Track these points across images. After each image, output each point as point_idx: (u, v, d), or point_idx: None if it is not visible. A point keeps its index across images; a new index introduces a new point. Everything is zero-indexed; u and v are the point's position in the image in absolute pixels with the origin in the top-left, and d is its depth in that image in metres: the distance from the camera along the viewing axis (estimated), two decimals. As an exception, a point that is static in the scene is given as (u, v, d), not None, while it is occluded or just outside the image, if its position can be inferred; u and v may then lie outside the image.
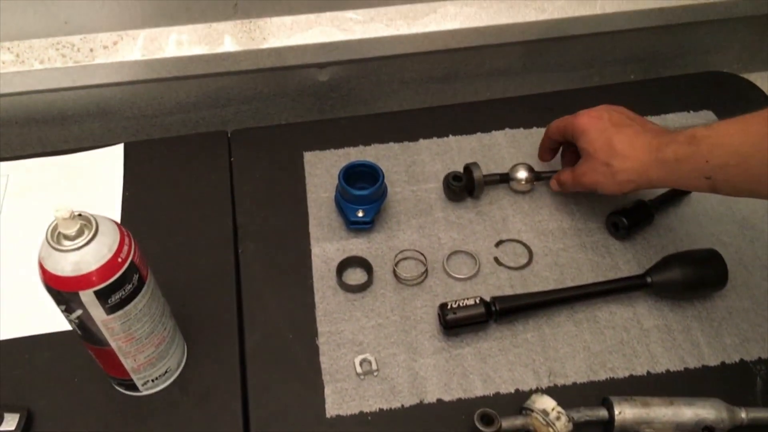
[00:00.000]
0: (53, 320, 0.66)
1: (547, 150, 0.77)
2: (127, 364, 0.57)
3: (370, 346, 0.65)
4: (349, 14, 0.83)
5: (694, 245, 0.71)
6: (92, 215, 0.50)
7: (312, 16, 0.83)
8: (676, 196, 0.77)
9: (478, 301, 0.65)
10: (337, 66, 0.89)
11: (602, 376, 0.64)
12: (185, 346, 0.64)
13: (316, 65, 0.87)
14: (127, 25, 0.79)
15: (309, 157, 0.82)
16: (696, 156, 0.58)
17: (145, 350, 0.57)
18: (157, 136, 0.92)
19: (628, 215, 0.73)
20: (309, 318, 0.67)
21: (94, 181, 0.80)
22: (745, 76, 0.94)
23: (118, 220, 0.76)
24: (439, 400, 0.62)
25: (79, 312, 0.51)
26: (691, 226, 0.76)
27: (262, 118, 0.94)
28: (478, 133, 0.85)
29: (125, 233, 0.52)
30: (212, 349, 0.65)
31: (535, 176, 0.78)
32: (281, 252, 0.73)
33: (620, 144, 0.64)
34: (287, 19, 0.82)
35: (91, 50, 0.79)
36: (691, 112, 0.88)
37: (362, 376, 0.63)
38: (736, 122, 0.56)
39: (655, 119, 0.86)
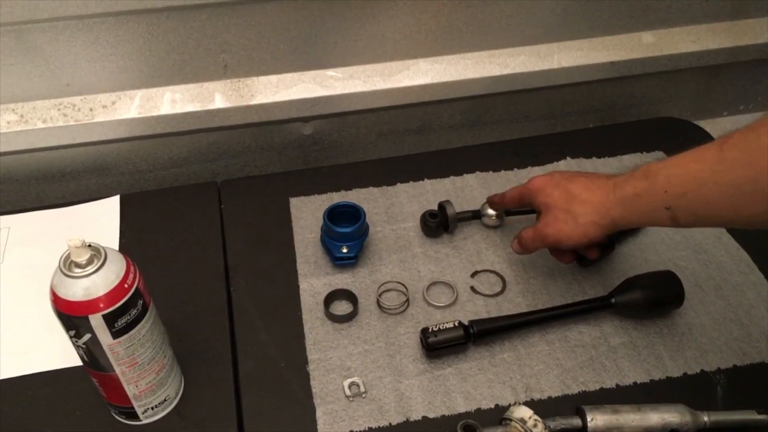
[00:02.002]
0: (53, 359, 0.70)
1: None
2: (130, 390, 0.61)
3: (357, 371, 0.69)
4: (330, 72, 0.91)
5: (653, 270, 0.77)
6: (101, 246, 0.55)
7: (296, 75, 0.90)
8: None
9: (457, 324, 0.70)
10: (320, 120, 0.96)
11: (575, 389, 0.68)
12: (182, 377, 0.68)
13: (300, 119, 0.94)
14: (125, 85, 0.86)
15: (295, 202, 0.88)
16: (654, 188, 0.59)
17: (147, 376, 0.61)
18: (150, 190, 0.97)
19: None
20: (299, 347, 0.72)
21: (91, 231, 0.84)
22: (695, 122, 1.03)
23: (116, 264, 0.80)
24: (425, 418, 0.66)
25: (87, 336, 0.55)
26: (649, 253, 0.82)
27: (251, 170, 1.00)
28: (451, 177, 0.92)
29: (130, 262, 0.56)
30: (208, 378, 0.69)
31: (504, 212, 0.84)
32: (271, 288, 0.78)
33: (577, 189, 0.65)
34: (273, 78, 0.90)
35: (91, 109, 0.86)
36: (645, 153, 0.96)
37: (351, 398, 0.67)
38: (689, 153, 0.58)
39: (612, 160, 0.95)
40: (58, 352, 0.70)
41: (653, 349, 0.72)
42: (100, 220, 0.86)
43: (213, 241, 0.83)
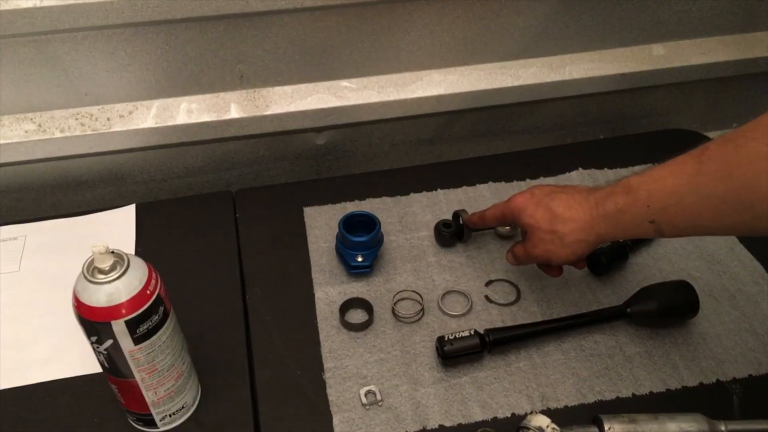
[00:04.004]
0: (72, 366, 0.70)
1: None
2: (149, 397, 0.61)
3: (373, 379, 0.69)
4: (344, 83, 0.92)
5: (667, 279, 0.77)
6: (124, 252, 0.55)
7: (310, 85, 0.91)
8: (647, 236, 0.84)
9: (472, 333, 0.70)
10: (333, 130, 0.97)
11: (591, 398, 0.68)
12: (199, 385, 0.68)
13: (314, 129, 0.95)
14: (142, 96, 0.87)
15: (309, 211, 0.88)
16: (636, 203, 0.59)
17: (166, 383, 0.61)
18: (165, 199, 0.97)
19: (606, 254, 0.79)
20: (315, 355, 0.72)
21: (107, 239, 0.83)
22: (705, 134, 1.04)
23: (133, 272, 0.80)
24: (441, 426, 0.66)
25: (109, 342, 0.55)
26: (662, 263, 0.82)
27: (264, 180, 1.01)
28: (464, 187, 0.92)
29: (152, 269, 0.57)
30: (225, 386, 0.69)
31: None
32: (286, 296, 0.78)
33: (559, 209, 0.65)
34: (288, 88, 0.90)
35: (108, 119, 0.86)
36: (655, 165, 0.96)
37: (368, 407, 0.67)
38: (667, 165, 0.57)
39: (624, 171, 0.95)
40: (77, 360, 0.70)
41: (669, 359, 0.71)
42: (116, 228, 0.86)
43: (228, 249, 0.83)
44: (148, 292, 0.55)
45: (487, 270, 0.81)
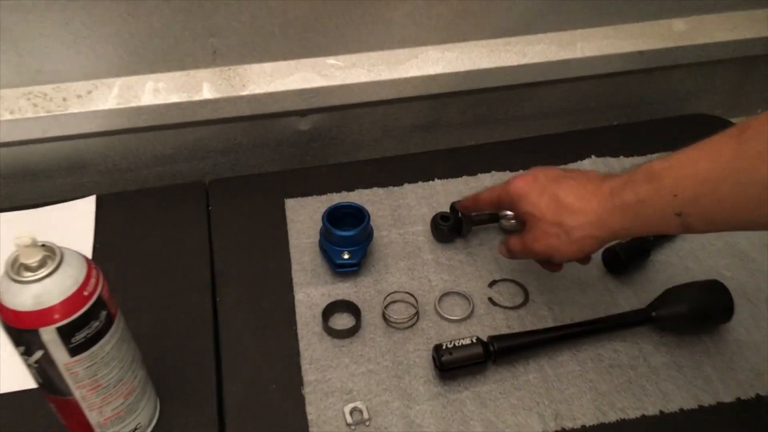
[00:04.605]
0: (13, 380, 0.61)
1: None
2: (93, 417, 0.52)
3: (360, 394, 0.61)
4: (330, 60, 0.84)
5: (694, 279, 0.69)
6: (57, 245, 0.47)
7: (292, 63, 0.83)
8: (671, 230, 0.76)
9: (474, 341, 0.62)
10: (319, 114, 0.89)
11: (612, 417, 0.60)
12: (158, 402, 0.59)
13: (297, 112, 0.86)
14: (102, 73, 0.78)
15: (291, 203, 0.80)
16: (661, 192, 0.51)
17: (113, 401, 0.52)
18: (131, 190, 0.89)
19: (625, 250, 0.71)
20: (293, 367, 0.63)
21: (63, 233, 0.76)
22: (729, 119, 0.95)
23: (88, 271, 0.72)
24: (438, 450, 0.57)
25: (39, 354, 0.47)
26: (689, 261, 0.74)
27: (242, 170, 0.93)
28: (464, 177, 0.84)
29: (93, 266, 0.48)
30: (188, 403, 0.61)
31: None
32: (262, 298, 0.69)
33: (568, 198, 0.57)
34: (267, 66, 0.82)
35: (64, 99, 0.78)
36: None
37: (353, 427, 0.58)
38: (698, 148, 0.50)
39: (641, 160, 0.87)
40: (18, 371, 0.61)
41: (700, 370, 0.63)
42: (73, 222, 0.78)
43: (199, 246, 0.75)
44: (86, 293, 0.46)
45: (491, 268, 0.73)
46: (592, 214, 0.55)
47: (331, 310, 0.68)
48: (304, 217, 0.79)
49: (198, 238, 0.76)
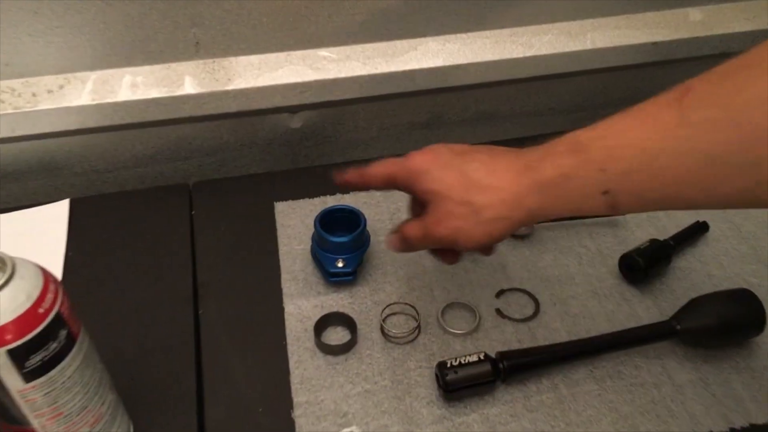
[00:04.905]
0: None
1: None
2: (55, 448, 0.47)
3: (356, 417, 0.56)
4: (323, 52, 0.78)
5: (720, 288, 0.64)
6: (8, 255, 0.41)
7: (282, 55, 0.77)
8: (694, 232, 0.71)
9: (482, 357, 0.57)
10: (310, 110, 0.83)
11: (636, 442, 0.55)
12: (131, 427, 0.54)
13: (287, 109, 0.81)
14: (76, 66, 0.73)
15: (281, 207, 0.75)
16: (586, 167, 0.44)
17: (79, 430, 0.47)
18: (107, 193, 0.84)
19: (644, 256, 0.66)
20: (282, 387, 0.58)
21: (33, 241, 0.71)
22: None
23: (58, 282, 0.67)
24: (443, 481, 0.52)
25: (-11, 380, 0.41)
26: (711, 267, 0.69)
27: (229, 171, 0.87)
28: (468, 177, 0.79)
29: (50, 279, 0.43)
30: (166, 429, 0.55)
31: None
32: (249, 311, 0.64)
33: (477, 172, 0.49)
34: (254, 58, 0.77)
35: (34, 95, 0.73)
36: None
37: (348, 455, 0.53)
38: (632, 114, 0.44)
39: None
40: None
41: (730, 388, 0.58)
42: (45, 228, 0.73)
43: (180, 254, 0.70)
44: (41, 310, 0.41)
45: (498, 277, 0.68)
46: (506, 192, 0.48)
47: (324, 323, 0.62)
48: (295, 222, 0.74)
49: (179, 246, 0.71)
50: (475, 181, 0.49)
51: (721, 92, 0.40)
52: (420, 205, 0.53)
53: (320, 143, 0.88)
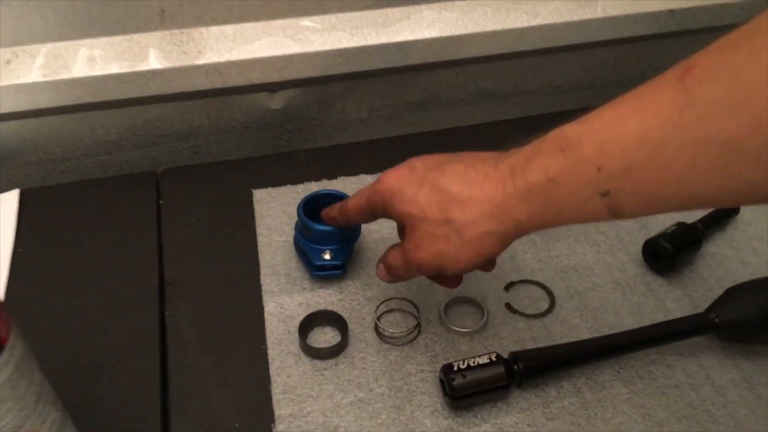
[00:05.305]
0: None
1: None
2: (-15, 477, 0.39)
3: (349, 431, 0.49)
4: (305, 22, 0.72)
5: (756, 275, 0.57)
6: None
7: (259, 25, 0.70)
8: (723, 216, 0.65)
9: (494, 359, 0.50)
10: (293, 89, 0.76)
11: (674, 453, 0.48)
12: (83, 448, 0.47)
13: (266, 86, 0.74)
14: (24, 38, 0.66)
15: (259, 195, 0.68)
16: (579, 166, 0.39)
17: (13, 454, 0.39)
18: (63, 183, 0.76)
19: (672, 241, 0.60)
20: (262, 398, 0.51)
21: (-23, 237, 0.64)
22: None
23: (4, 282, 0.59)
24: (452, 504, 0.45)
25: None
26: (745, 253, 0.63)
27: (203, 158, 0.80)
28: (469, 159, 0.72)
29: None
30: (124, 450, 0.48)
31: None
32: (223, 312, 0.57)
33: (454, 185, 0.44)
34: (228, 29, 0.70)
35: (-23, 72, 0.65)
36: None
37: (340, 476, 0.46)
38: (626, 102, 0.39)
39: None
40: None
41: (778, 389, 0.52)
42: (-8, 222, 0.65)
43: (145, 249, 0.63)
44: (-43, 309, 0.34)
45: (506, 269, 0.61)
46: (488, 203, 0.43)
47: (310, 323, 0.55)
48: (275, 211, 0.67)
49: (144, 240, 0.64)
50: (453, 195, 0.44)
51: (727, 66, 0.34)
52: (400, 228, 0.48)
53: (304, 127, 0.81)
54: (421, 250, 0.45)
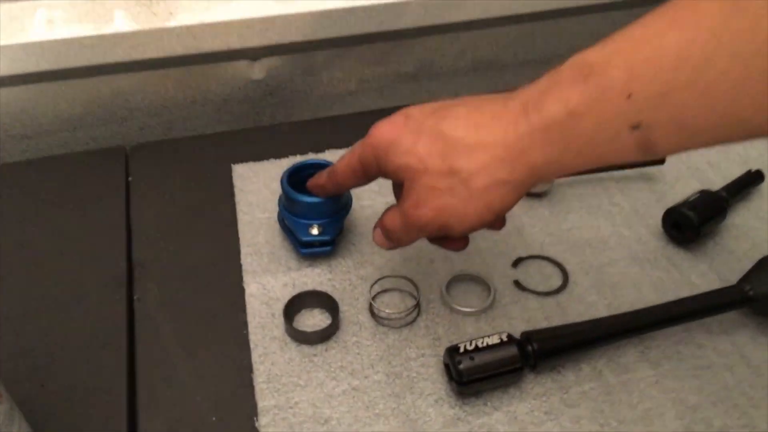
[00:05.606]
0: None
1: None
2: None
3: (342, 423, 0.44)
4: (287, -19, 0.66)
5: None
6: None
7: (236, -17, 0.65)
8: (747, 183, 0.60)
9: (505, 339, 0.45)
10: (275, 57, 0.71)
11: (712, 440, 0.43)
12: (37, 449, 0.41)
13: (245, 53, 0.69)
14: (-26, -3, 0.60)
15: (240, 170, 0.63)
16: (607, 94, 0.34)
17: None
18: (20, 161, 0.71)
19: (696, 210, 0.55)
20: (243, 388, 0.46)
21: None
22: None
23: (-49, 266, 0.54)
24: (462, 504, 0.40)
25: None
26: (774, 222, 0.58)
27: (177, 136, 0.75)
28: (468, 130, 0.67)
29: None
30: (84, 449, 0.43)
31: None
32: (198, 295, 0.52)
33: (457, 130, 0.39)
34: (202, -13, 0.65)
35: None
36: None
37: (333, 474, 0.41)
38: (661, 15, 0.33)
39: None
40: None
41: (821, 367, 0.47)
42: (-59, 204, 0.59)
43: (112, 228, 0.58)
44: None
45: (514, 244, 0.56)
46: (498, 147, 0.38)
47: (296, 305, 0.50)
48: (257, 187, 0.61)
49: (111, 219, 0.58)
50: (457, 141, 0.39)
51: None
52: (400, 187, 0.42)
53: (288, 99, 0.76)
54: (422, 207, 0.40)
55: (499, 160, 0.37)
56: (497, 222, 0.43)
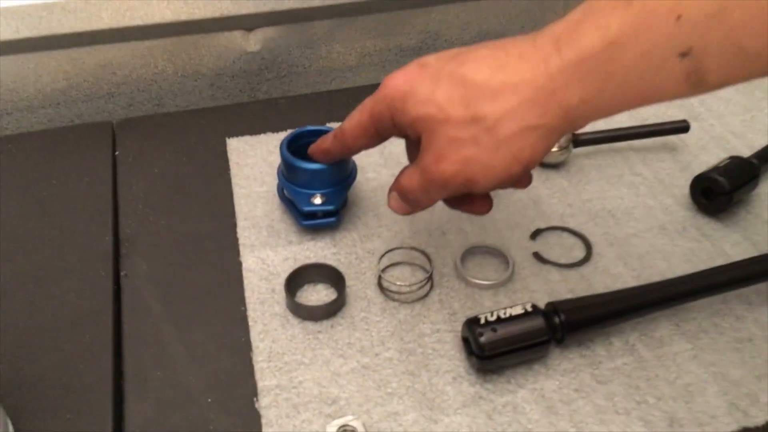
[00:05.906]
0: None
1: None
2: None
3: (352, 404, 0.40)
4: (283, -57, 0.63)
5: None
6: None
7: (228, -55, 0.62)
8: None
9: (530, 309, 0.41)
10: (272, 28, 0.68)
11: (760, 417, 0.40)
12: (10, 428, 0.37)
13: (240, 21, 0.65)
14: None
15: (235, 144, 0.60)
16: (652, 17, 0.31)
17: None
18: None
19: (729, 176, 0.52)
20: (242, 367, 0.42)
21: None
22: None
23: None
24: (488, 489, 0.36)
25: None
26: (807, 190, 0.55)
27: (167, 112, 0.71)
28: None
29: None
30: (66, 435, 0.39)
31: (573, 140, 0.56)
32: (191, 270, 0.48)
33: (481, 73, 0.35)
34: (192, -51, 0.61)
35: None
36: None
37: (342, 458, 0.37)
38: None
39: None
40: None
41: None
42: None
43: (98, 203, 0.54)
44: None
45: (530, 214, 0.53)
46: (527, 88, 0.34)
47: (298, 279, 0.47)
48: (254, 160, 0.58)
49: (97, 193, 0.55)
50: (480, 84, 0.35)
51: None
52: (416, 145, 0.39)
53: (285, 74, 0.72)
54: (443, 161, 0.36)
55: (528, 102, 0.34)
56: (524, 177, 0.39)
